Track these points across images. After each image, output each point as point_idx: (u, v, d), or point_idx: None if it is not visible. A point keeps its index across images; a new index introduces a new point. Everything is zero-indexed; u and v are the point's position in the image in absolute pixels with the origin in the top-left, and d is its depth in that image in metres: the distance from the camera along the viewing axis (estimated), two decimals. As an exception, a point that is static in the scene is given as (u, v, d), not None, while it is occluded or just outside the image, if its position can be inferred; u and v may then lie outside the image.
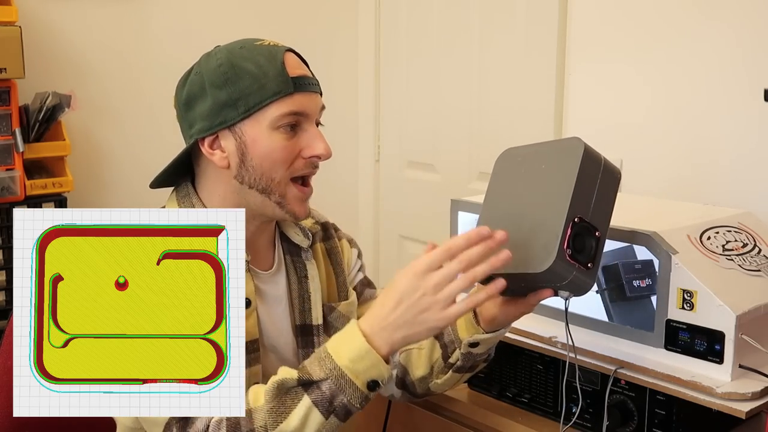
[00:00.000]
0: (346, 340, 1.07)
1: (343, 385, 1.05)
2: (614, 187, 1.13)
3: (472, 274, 1.04)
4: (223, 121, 1.18)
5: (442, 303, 1.04)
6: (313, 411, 1.05)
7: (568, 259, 1.05)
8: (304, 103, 1.19)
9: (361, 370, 1.05)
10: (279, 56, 1.19)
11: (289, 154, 1.19)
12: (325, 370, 1.05)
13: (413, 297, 1.05)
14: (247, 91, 1.17)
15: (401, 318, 1.05)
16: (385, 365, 1.06)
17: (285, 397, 1.06)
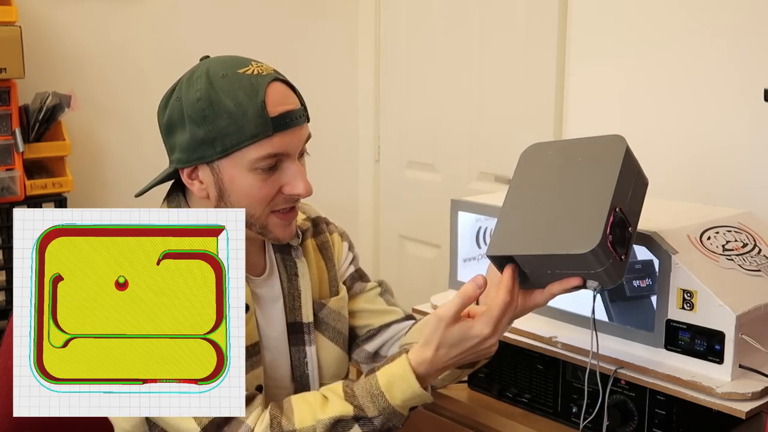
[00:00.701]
0: (400, 380, 1.13)
1: (392, 417, 1.13)
2: (643, 192, 1.15)
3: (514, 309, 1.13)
4: (201, 157, 1.16)
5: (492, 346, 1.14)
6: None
7: (609, 246, 1.04)
8: (285, 143, 1.16)
9: (410, 404, 1.14)
10: (261, 92, 1.14)
11: (267, 193, 1.18)
12: (379, 408, 1.12)
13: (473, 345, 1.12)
14: (224, 132, 1.13)
15: (457, 359, 1.13)
16: (429, 396, 1.14)
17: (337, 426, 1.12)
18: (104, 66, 2.41)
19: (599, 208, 1.05)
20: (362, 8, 2.86)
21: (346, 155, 2.90)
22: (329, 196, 2.60)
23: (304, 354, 1.30)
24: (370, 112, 2.88)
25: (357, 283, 1.42)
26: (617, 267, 1.06)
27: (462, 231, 1.54)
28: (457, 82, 2.52)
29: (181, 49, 2.44)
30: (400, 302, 1.45)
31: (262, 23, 2.66)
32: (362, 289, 1.42)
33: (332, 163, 2.81)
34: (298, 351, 1.30)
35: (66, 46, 2.34)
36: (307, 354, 1.30)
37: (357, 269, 1.43)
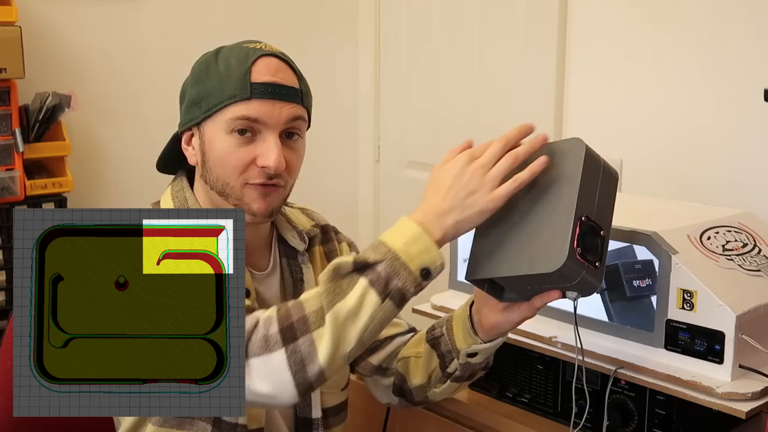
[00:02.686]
0: (398, 228, 1.07)
1: (397, 267, 1.04)
2: (614, 187, 1.12)
3: (515, 152, 1.07)
4: (192, 119, 1.20)
5: (490, 183, 1.06)
6: (370, 291, 1.03)
7: (578, 258, 1.03)
8: (263, 111, 1.16)
9: (415, 254, 1.04)
10: (250, 59, 1.17)
11: (239, 159, 1.17)
12: (380, 253, 1.04)
13: (461, 180, 1.06)
14: (210, 91, 1.17)
15: (452, 202, 1.06)
16: (437, 250, 1.05)
17: (341, 281, 1.05)
18: (104, 66, 2.41)
19: (564, 221, 1.05)
20: (362, 9, 2.86)
21: (346, 155, 2.90)
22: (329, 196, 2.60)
23: None
24: (370, 112, 2.88)
25: None
26: (594, 274, 1.06)
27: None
28: (457, 83, 2.52)
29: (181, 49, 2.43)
30: (400, 302, 1.44)
31: (263, 24, 2.66)
32: None
33: (332, 163, 2.81)
34: None
35: (66, 46, 2.35)
36: None
37: None
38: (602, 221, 1.08)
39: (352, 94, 2.90)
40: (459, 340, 1.23)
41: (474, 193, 1.06)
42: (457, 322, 1.25)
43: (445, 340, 1.26)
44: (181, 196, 1.24)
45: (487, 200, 1.06)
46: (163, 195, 1.27)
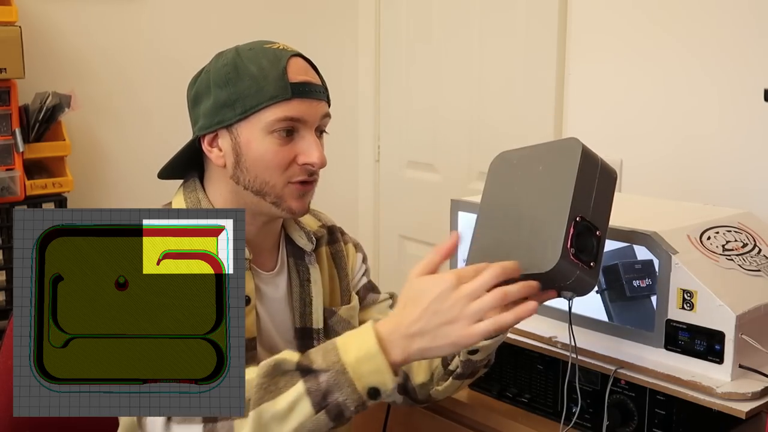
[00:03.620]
0: (357, 337, 1.02)
1: (341, 382, 0.98)
2: (611, 186, 1.12)
3: (506, 290, 0.99)
4: (221, 121, 1.19)
5: (470, 318, 0.97)
6: (304, 399, 0.99)
7: (572, 258, 1.04)
8: (302, 110, 1.18)
9: (365, 373, 0.99)
10: (283, 60, 1.18)
11: (282, 159, 1.19)
12: (328, 362, 0.99)
13: (441, 306, 0.98)
14: (245, 93, 1.17)
15: (424, 327, 0.99)
16: (390, 375, 0.99)
17: (279, 378, 1.01)
18: (104, 66, 2.41)
19: (558, 222, 1.05)
20: (362, 8, 2.86)
21: (346, 155, 2.90)
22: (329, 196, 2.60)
23: None
24: (370, 112, 2.89)
25: (370, 294, 1.42)
26: (589, 274, 1.06)
27: (462, 231, 1.54)
28: (457, 82, 2.52)
29: (181, 49, 2.44)
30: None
31: (263, 24, 2.66)
32: (375, 300, 1.42)
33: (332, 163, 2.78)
34: None
35: (66, 46, 2.34)
36: None
37: (369, 280, 1.44)
38: (598, 221, 1.09)
39: (352, 94, 2.90)
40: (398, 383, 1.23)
41: (450, 324, 0.98)
42: None
43: None
44: (194, 197, 1.24)
45: (463, 335, 0.98)
46: (175, 196, 1.27)
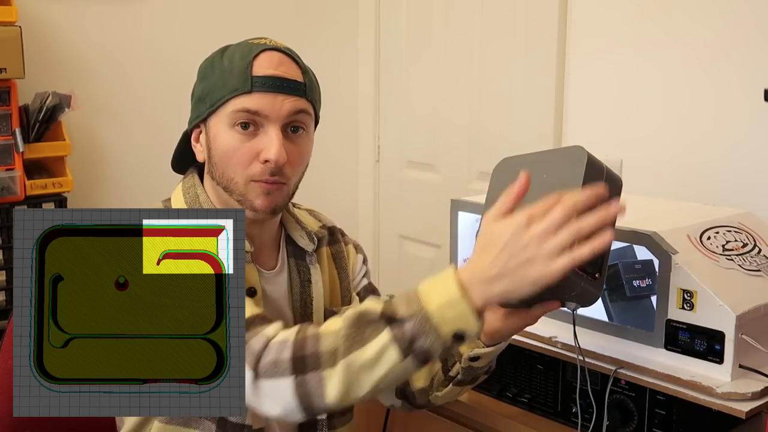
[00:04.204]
0: (439, 284, 1.00)
1: (426, 328, 0.97)
2: (617, 194, 1.11)
3: (580, 227, 0.96)
4: (198, 115, 1.21)
5: (547, 256, 0.96)
6: (391, 347, 0.98)
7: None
8: (264, 104, 1.16)
9: (449, 319, 0.98)
10: (252, 53, 1.18)
11: (243, 155, 1.17)
12: (411, 310, 0.98)
13: (517, 246, 0.97)
14: (213, 86, 1.18)
15: (503, 270, 0.97)
16: (474, 319, 0.98)
17: (365, 328, 1.00)
18: (104, 66, 2.41)
19: None
20: (362, 9, 2.86)
21: (346, 155, 2.90)
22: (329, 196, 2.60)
23: None
24: (370, 112, 2.88)
25: (370, 295, 1.41)
26: (593, 285, 1.06)
27: (462, 231, 1.54)
28: (457, 82, 2.52)
29: (181, 49, 2.44)
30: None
31: (263, 24, 2.66)
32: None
33: (332, 163, 2.80)
34: None
35: (66, 46, 2.34)
36: None
37: (369, 282, 1.44)
38: None
39: (352, 94, 2.90)
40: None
41: (528, 264, 0.96)
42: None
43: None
44: (193, 192, 1.24)
45: (542, 273, 0.96)
46: (174, 192, 1.27)
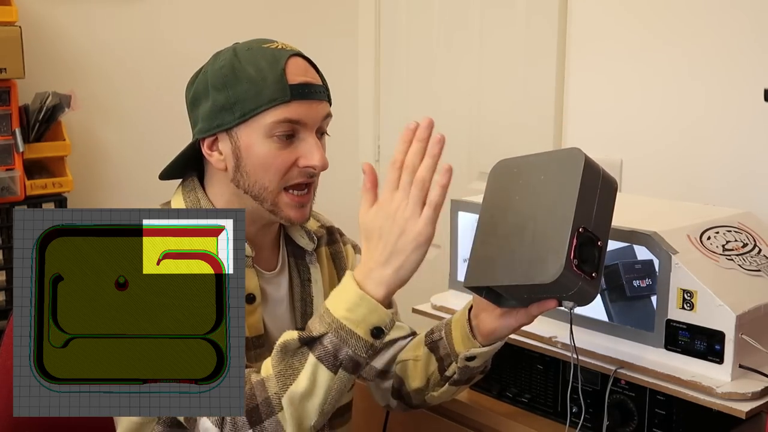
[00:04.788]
0: (341, 291, 1.05)
1: (344, 336, 1.02)
2: (612, 196, 1.13)
3: (419, 177, 1.07)
4: (220, 124, 1.17)
5: (412, 217, 1.03)
6: (320, 367, 1.03)
7: (575, 270, 1.04)
8: (302, 112, 1.16)
9: (360, 318, 1.02)
10: (281, 61, 1.16)
11: (283, 162, 1.17)
12: (325, 324, 1.03)
13: (387, 224, 1.04)
14: (243, 96, 1.15)
15: (385, 251, 1.03)
16: (383, 309, 1.03)
17: (291, 359, 1.05)
18: (104, 66, 2.41)
19: (561, 233, 1.06)
20: (362, 8, 2.86)
21: (346, 155, 2.89)
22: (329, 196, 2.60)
23: None
24: (370, 112, 2.88)
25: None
26: (590, 284, 1.07)
27: (462, 231, 1.54)
28: (458, 83, 2.52)
29: (181, 49, 2.44)
30: (401, 302, 1.44)
31: (263, 24, 2.66)
32: None
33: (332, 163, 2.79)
34: None
35: (66, 46, 2.34)
36: None
37: None
38: (600, 231, 1.09)
39: (352, 94, 2.90)
40: (458, 343, 1.23)
41: (403, 233, 1.03)
42: (455, 326, 1.25)
43: (444, 343, 1.26)
44: (194, 197, 1.23)
45: (416, 234, 1.02)
46: (174, 196, 1.26)
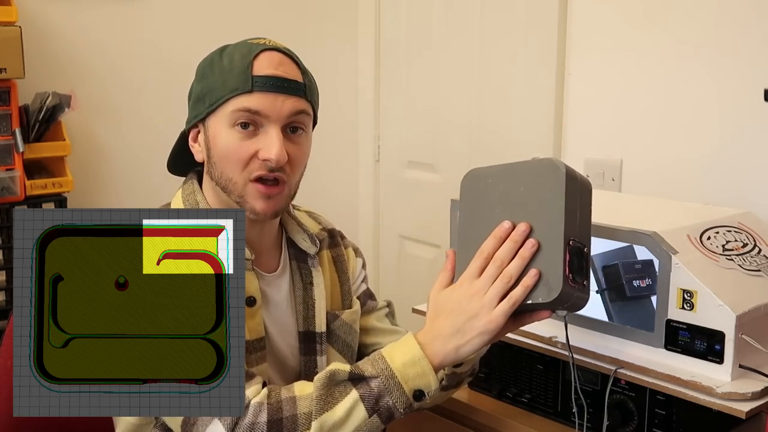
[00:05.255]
0: (400, 345, 1.11)
1: (391, 386, 1.07)
2: (590, 199, 1.13)
3: (507, 272, 1.07)
4: (197, 115, 1.21)
5: (488, 306, 1.07)
6: (359, 405, 1.07)
7: (571, 284, 1.06)
8: (265, 104, 1.16)
9: (411, 377, 1.08)
10: (253, 53, 1.18)
11: (244, 153, 1.17)
12: (377, 369, 1.08)
13: (461, 306, 1.09)
14: (213, 86, 1.18)
15: (452, 327, 1.09)
16: (434, 376, 1.09)
17: (334, 389, 1.09)
18: (105, 66, 2.41)
19: (553, 250, 1.06)
20: (362, 9, 2.86)
21: (346, 155, 2.89)
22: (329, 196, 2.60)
23: (315, 364, 1.30)
24: (370, 112, 2.88)
25: (369, 300, 1.42)
26: (583, 292, 1.09)
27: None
28: (457, 83, 2.52)
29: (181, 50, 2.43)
30: (401, 302, 1.45)
31: (263, 24, 2.66)
32: (374, 308, 1.42)
33: (332, 163, 2.81)
34: (310, 361, 1.30)
35: (66, 46, 2.34)
36: (318, 364, 1.30)
37: (368, 287, 1.44)
38: (585, 238, 1.10)
39: (352, 94, 2.90)
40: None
41: (474, 317, 1.08)
42: None
43: None
44: (192, 199, 1.24)
45: (487, 322, 1.07)
46: (174, 197, 1.27)
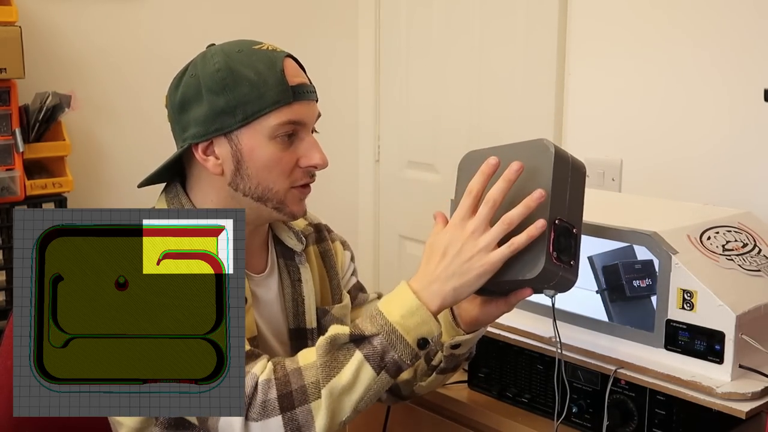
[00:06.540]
0: (396, 297, 1.09)
1: (394, 341, 1.06)
2: (582, 181, 1.13)
3: (509, 217, 1.06)
4: (220, 128, 1.16)
5: (485, 248, 1.06)
6: (365, 365, 1.06)
7: (554, 261, 1.06)
8: (303, 113, 1.18)
9: (412, 327, 1.07)
10: (278, 63, 1.17)
11: (287, 163, 1.19)
12: (377, 326, 1.07)
13: (456, 246, 1.07)
14: (245, 99, 1.15)
15: (449, 269, 1.07)
16: (434, 322, 1.07)
17: (337, 353, 1.08)
18: (104, 66, 2.41)
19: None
20: (362, 8, 2.86)
21: (346, 155, 2.89)
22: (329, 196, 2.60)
23: None
24: (370, 112, 2.88)
25: (360, 293, 1.42)
26: (570, 272, 1.09)
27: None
28: (458, 83, 2.52)
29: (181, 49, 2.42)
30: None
31: (262, 24, 2.66)
32: (365, 300, 1.43)
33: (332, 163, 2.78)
34: None
35: (66, 46, 2.34)
36: None
37: (357, 280, 1.44)
38: (574, 219, 1.10)
39: (352, 94, 2.90)
40: (442, 333, 1.24)
41: (470, 260, 1.06)
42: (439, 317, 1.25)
43: None
44: (177, 202, 1.23)
45: (483, 263, 1.06)
46: (157, 202, 1.26)
